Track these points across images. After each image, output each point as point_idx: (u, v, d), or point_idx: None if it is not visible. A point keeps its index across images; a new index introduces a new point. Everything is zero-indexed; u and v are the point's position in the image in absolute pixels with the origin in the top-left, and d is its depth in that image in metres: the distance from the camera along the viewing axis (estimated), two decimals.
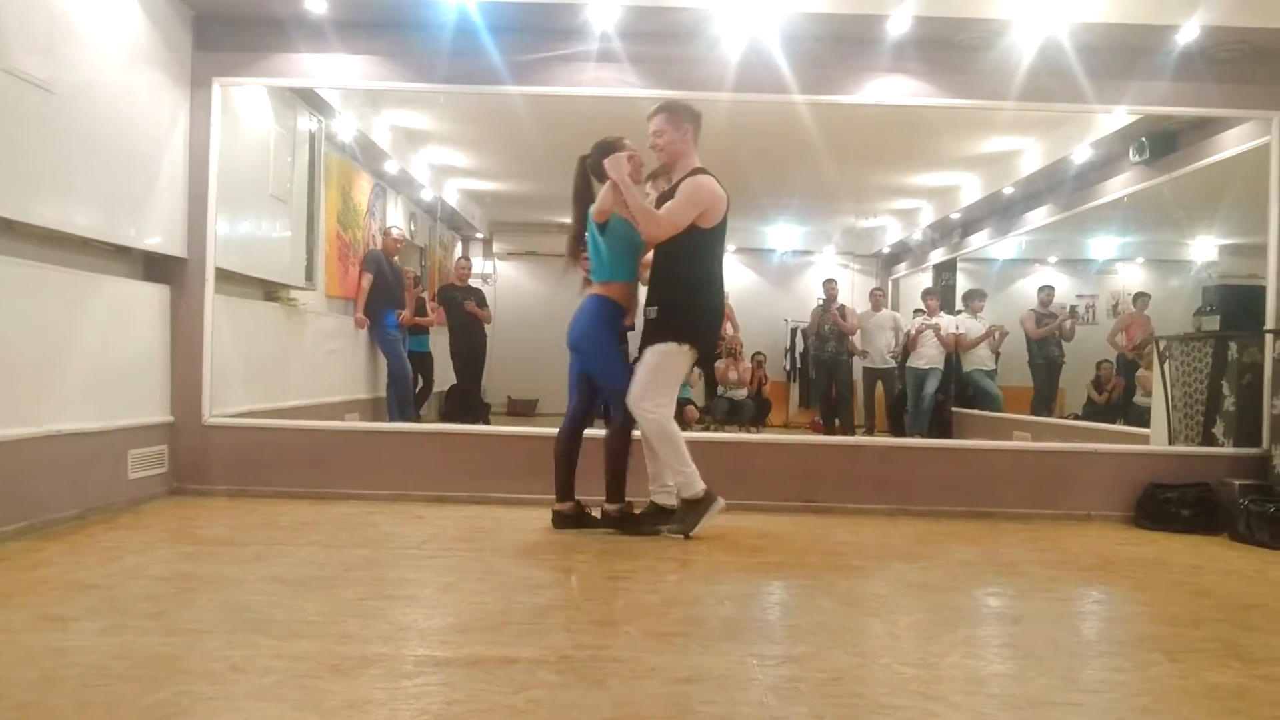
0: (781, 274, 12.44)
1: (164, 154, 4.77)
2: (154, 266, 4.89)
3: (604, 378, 4.14)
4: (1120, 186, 6.94)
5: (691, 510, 4.03)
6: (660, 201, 4.13)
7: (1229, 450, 5.15)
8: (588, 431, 4.29)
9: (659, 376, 4.04)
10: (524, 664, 2.35)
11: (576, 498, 4.23)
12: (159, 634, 2.51)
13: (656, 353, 4.04)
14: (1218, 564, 3.99)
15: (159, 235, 4.75)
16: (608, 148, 4.09)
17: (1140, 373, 8.03)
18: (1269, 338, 5.00)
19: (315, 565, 3.38)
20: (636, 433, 4.11)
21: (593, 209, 4.03)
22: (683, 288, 4.06)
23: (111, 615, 2.69)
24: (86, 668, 2.24)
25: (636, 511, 4.17)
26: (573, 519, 4.20)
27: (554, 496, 4.24)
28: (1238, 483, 4.77)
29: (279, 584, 3.09)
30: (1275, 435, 4.86)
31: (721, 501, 4.08)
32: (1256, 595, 3.43)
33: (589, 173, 4.16)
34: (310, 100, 6.39)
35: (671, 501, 4.15)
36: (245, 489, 4.92)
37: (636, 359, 4.12)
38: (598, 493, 4.18)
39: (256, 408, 5.44)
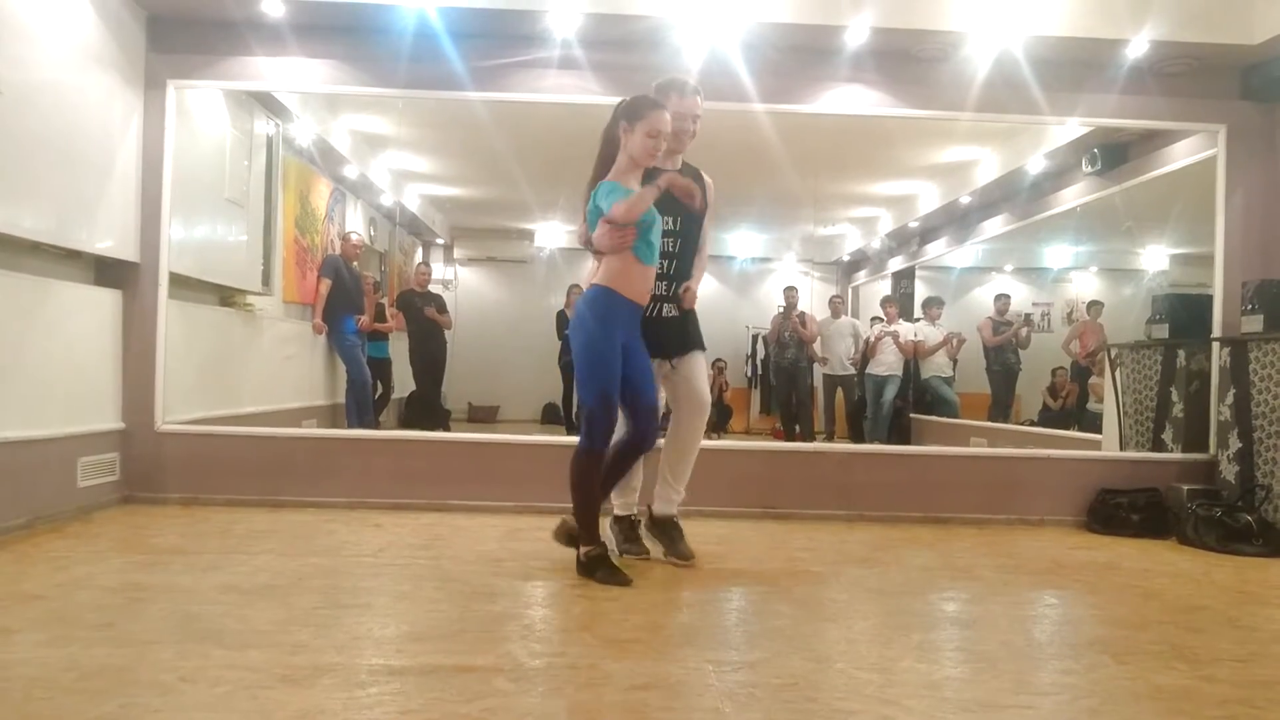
0: (742, 281, 12.48)
1: (116, 156, 4.69)
2: (106, 271, 4.81)
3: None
4: (1074, 196, 7.07)
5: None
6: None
7: (1177, 456, 5.26)
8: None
9: None
10: (479, 672, 2.33)
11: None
12: (107, 645, 2.47)
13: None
14: (1166, 567, 4.07)
15: (111, 239, 4.67)
16: (644, 104, 3.47)
17: (1093, 380, 8.17)
18: (1215, 346, 5.12)
19: (269, 574, 3.34)
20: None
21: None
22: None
23: (58, 626, 2.63)
24: (31, 680, 2.19)
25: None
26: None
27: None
28: (1186, 487, 4.87)
29: (232, 593, 3.05)
30: (1221, 441, 4.97)
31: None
32: (1202, 598, 3.50)
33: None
34: (267, 104, 6.32)
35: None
36: (199, 497, 4.85)
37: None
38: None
39: (212, 414, 5.37)
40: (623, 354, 3.44)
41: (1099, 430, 6.39)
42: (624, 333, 3.47)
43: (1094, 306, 8.98)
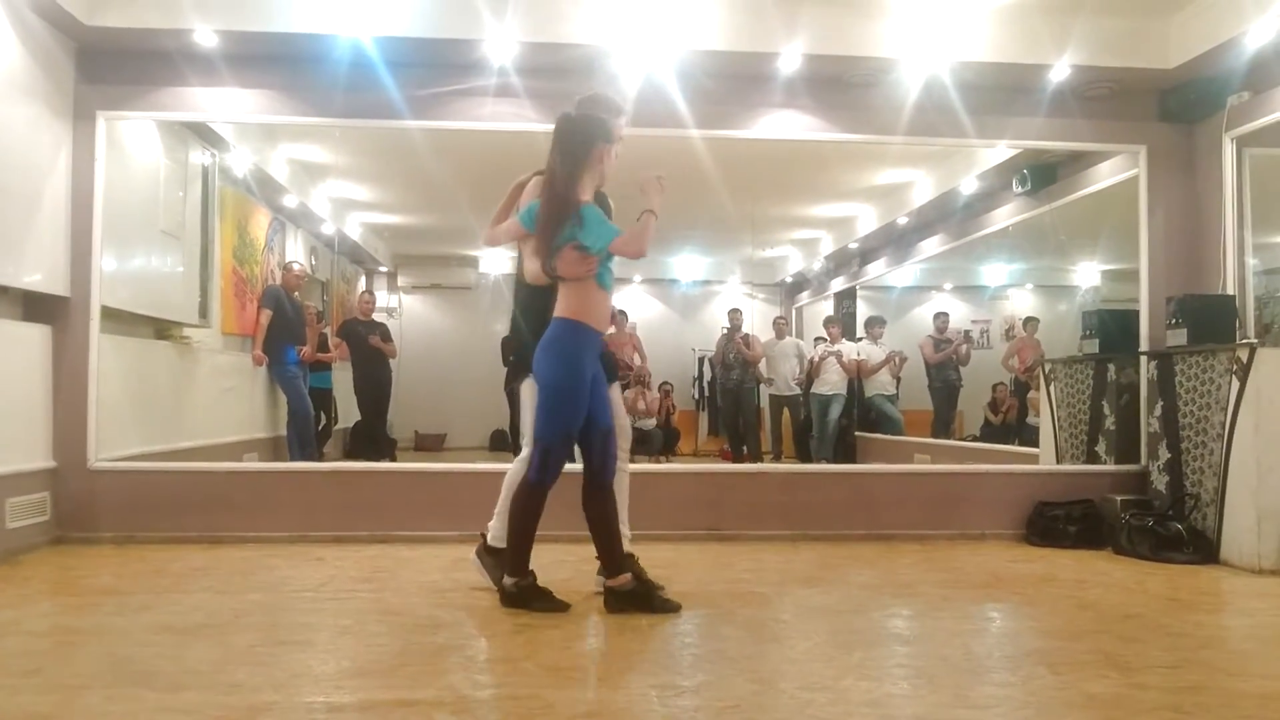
0: (687, 304, 12.57)
1: (45, 189, 4.60)
2: (35, 306, 4.69)
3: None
4: (1006, 216, 7.25)
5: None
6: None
7: (1110, 468, 5.39)
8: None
9: None
10: (420, 706, 2.31)
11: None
12: (33, 692, 2.40)
13: None
14: (1101, 578, 4.16)
15: (40, 273, 4.57)
16: (611, 119, 3.46)
17: (1032, 394, 8.33)
18: (1144, 359, 5.26)
19: (205, 613, 3.27)
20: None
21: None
22: None
23: None
24: None
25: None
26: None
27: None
28: (1119, 498, 4.99)
29: (166, 633, 2.98)
30: (1152, 452, 5.10)
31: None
32: (1135, 606, 3.58)
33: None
34: (203, 134, 6.25)
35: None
36: (134, 535, 4.73)
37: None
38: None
39: (148, 450, 5.25)
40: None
41: (1038, 444, 6.51)
42: (590, 365, 3.34)
43: (1030, 322, 9.18)
